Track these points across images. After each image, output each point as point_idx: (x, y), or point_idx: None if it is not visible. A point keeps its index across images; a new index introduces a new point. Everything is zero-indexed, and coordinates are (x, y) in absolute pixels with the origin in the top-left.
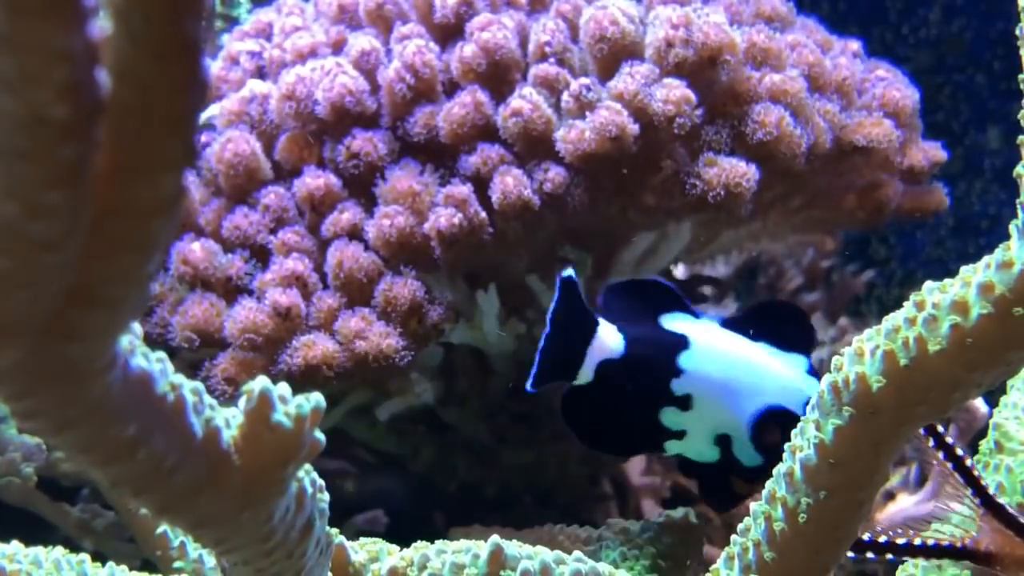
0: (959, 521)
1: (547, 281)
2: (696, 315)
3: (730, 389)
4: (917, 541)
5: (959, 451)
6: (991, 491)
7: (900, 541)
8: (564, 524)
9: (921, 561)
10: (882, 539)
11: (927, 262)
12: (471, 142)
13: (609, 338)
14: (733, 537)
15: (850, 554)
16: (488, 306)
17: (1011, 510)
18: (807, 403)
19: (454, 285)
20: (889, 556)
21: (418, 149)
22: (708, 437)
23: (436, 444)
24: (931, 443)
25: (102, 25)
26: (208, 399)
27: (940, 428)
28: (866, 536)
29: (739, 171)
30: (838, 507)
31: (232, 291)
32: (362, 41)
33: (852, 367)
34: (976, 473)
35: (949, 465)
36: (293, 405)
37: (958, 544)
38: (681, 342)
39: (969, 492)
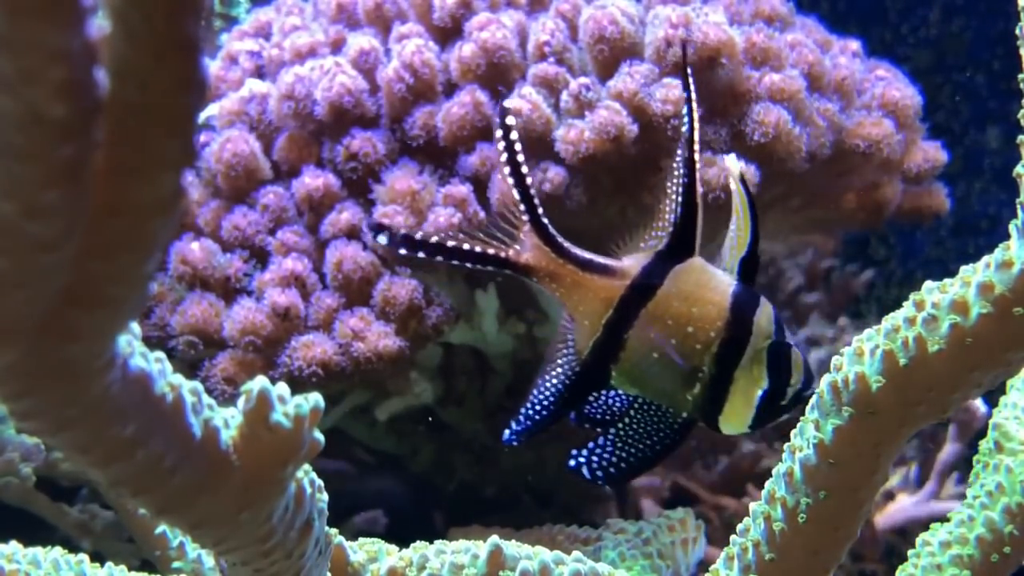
0: (956, 522)
1: None
2: None
3: None
4: (465, 246)
5: (519, 158)
6: (539, 208)
7: (450, 243)
8: (564, 524)
9: (921, 562)
10: (418, 235)
11: (927, 262)
12: (470, 142)
13: None
14: (733, 537)
15: (402, 251)
16: (487, 306)
17: (551, 229)
18: None
19: (453, 285)
20: (437, 257)
21: (417, 149)
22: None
23: (435, 444)
24: (500, 146)
25: (101, 24)
26: (207, 399)
27: (515, 143)
28: (418, 236)
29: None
30: (838, 507)
31: (231, 291)
32: (361, 40)
33: (852, 367)
34: (528, 183)
35: (510, 177)
36: (292, 405)
37: (501, 254)
38: None
39: (521, 207)
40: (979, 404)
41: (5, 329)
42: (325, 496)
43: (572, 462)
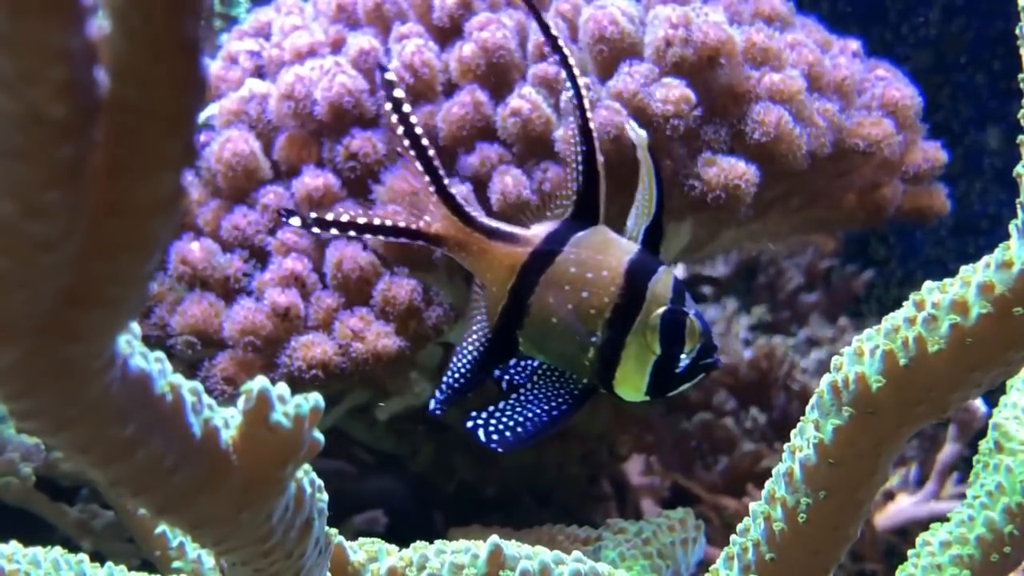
0: (956, 522)
1: None
2: None
3: None
4: (376, 221)
5: (417, 131)
6: (444, 179)
7: (361, 220)
8: (563, 524)
9: (921, 562)
10: (329, 216)
11: (927, 262)
12: (470, 142)
13: None
14: (733, 537)
15: (316, 230)
16: None
17: (460, 199)
18: None
19: (452, 284)
20: (350, 232)
21: None
22: None
23: (435, 444)
24: (392, 119)
25: (101, 24)
26: (207, 399)
27: (409, 116)
28: (329, 216)
29: (738, 171)
30: (838, 507)
31: (231, 291)
32: (361, 40)
33: (852, 367)
34: (431, 155)
35: (410, 150)
36: (292, 405)
37: (412, 226)
38: None
39: (426, 179)
40: (979, 404)
41: (5, 329)
42: (325, 496)
43: (469, 423)
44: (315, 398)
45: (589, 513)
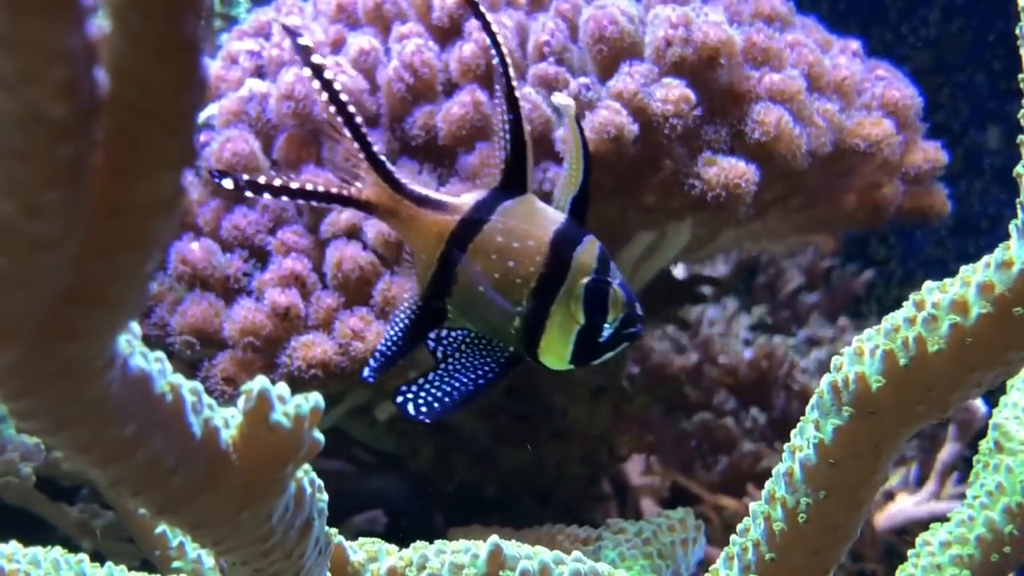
0: (956, 522)
1: None
2: None
3: None
4: (308, 187)
5: (343, 98)
6: (375, 146)
7: (294, 185)
8: (563, 524)
9: (921, 562)
10: (261, 179)
11: (927, 262)
12: (470, 142)
13: None
14: (733, 537)
15: (249, 193)
16: None
17: (390, 166)
18: None
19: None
20: (282, 197)
21: (417, 149)
22: None
23: (435, 444)
24: (315, 85)
25: (101, 24)
26: (207, 399)
27: (332, 82)
28: (261, 180)
29: (738, 171)
30: (838, 507)
31: (231, 291)
32: (361, 40)
33: (852, 367)
34: (359, 122)
35: (337, 117)
36: (292, 405)
37: (344, 192)
38: None
39: (355, 146)
40: (979, 404)
41: (5, 329)
42: (325, 496)
43: (399, 398)
44: (315, 398)
45: (589, 513)
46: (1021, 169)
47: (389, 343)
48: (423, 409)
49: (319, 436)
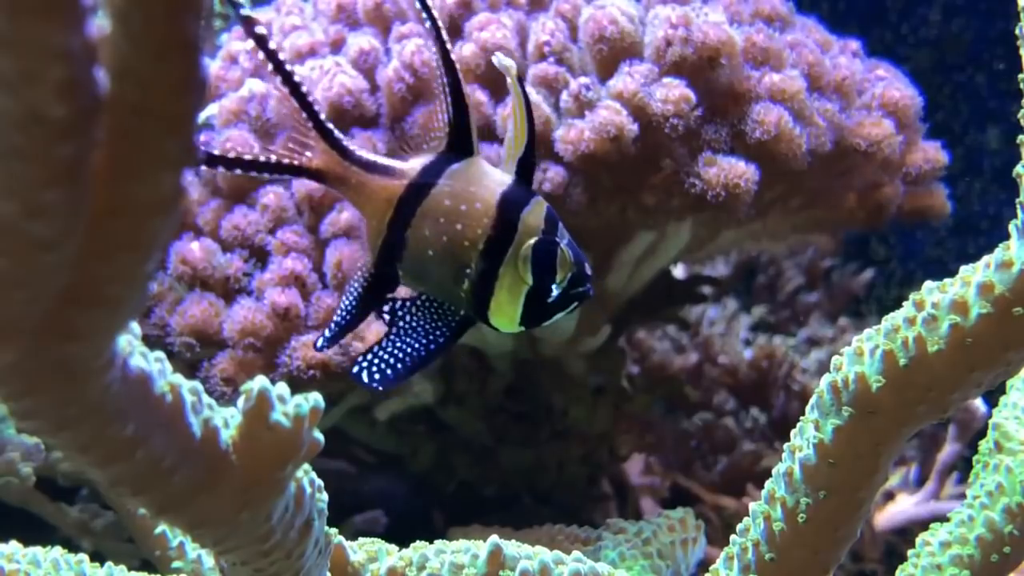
0: (956, 522)
1: None
2: None
3: None
4: (261, 158)
5: (288, 67)
6: (321, 114)
7: (246, 157)
8: (563, 524)
9: (921, 562)
10: (215, 151)
11: (927, 262)
12: None
13: None
14: (733, 537)
15: (203, 168)
16: None
17: (338, 134)
18: None
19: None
20: (235, 169)
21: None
22: None
23: (435, 444)
24: (260, 56)
25: (101, 24)
26: (207, 399)
27: (277, 52)
28: (215, 151)
29: (739, 170)
30: (838, 507)
31: (231, 291)
32: (361, 40)
33: (852, 367)
34: (304, 91)
35: (284, 87)
36: (292, 405)
37: (295, 162)
38: None
39: (302, 116)
40: (979, 404)
41: (5, 329)
42: (325, 496)
43: (355, 369)
44: (315, 398)
45: (589, 513)
46: (1021, 169)
47: (343, 312)
48: (377, 377)
49: (319, 436)
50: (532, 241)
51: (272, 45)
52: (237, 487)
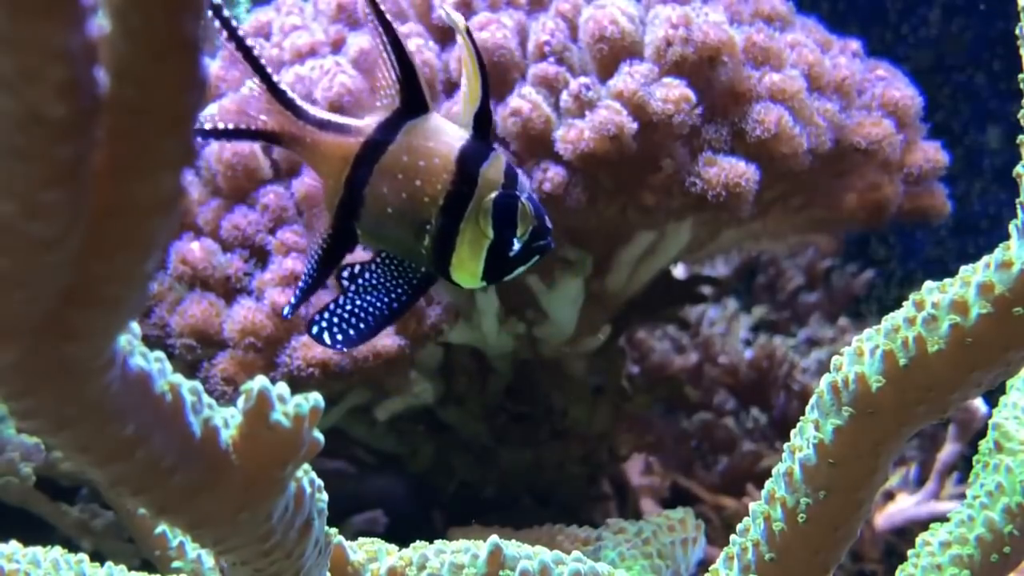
0: (956, 522)
1: (547, 281)
2: None
3: None
4: (220, 126)
5: (239, 33)
6: (274, 75)
7: (207, 127)
8: (563, 524)
9: (921, 562)
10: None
11: (927, 262)
12: None
13: None
14: (733, 537)
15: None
16: (487, 306)
17: (292, 94)
18: None
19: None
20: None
21: None
22: None
23: (435, 444)
24: (217, 23)
25: (101, 24)
26: (207, 399)
27: (230, 19)
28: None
29: (739, 170)
30: (838, 507)
31: (231, 291)
32: (361, 40)
33: (852, 367)
34: (256, 54)
35: (237, 52)
36: (292, 405)
37: (252, 126)
38: None
39: (257, 78)
40: (979, 404)
41: (5, 329)
42: (325, 496)
43: (314, 329)
44: (315, 398)
45: (589, 513)
46: (1021, 169)
47: (305, 277)
48: (339, 337)
49: (319, 436)
50: (493, 195)
51: (226, 12)
52: (237, 487)
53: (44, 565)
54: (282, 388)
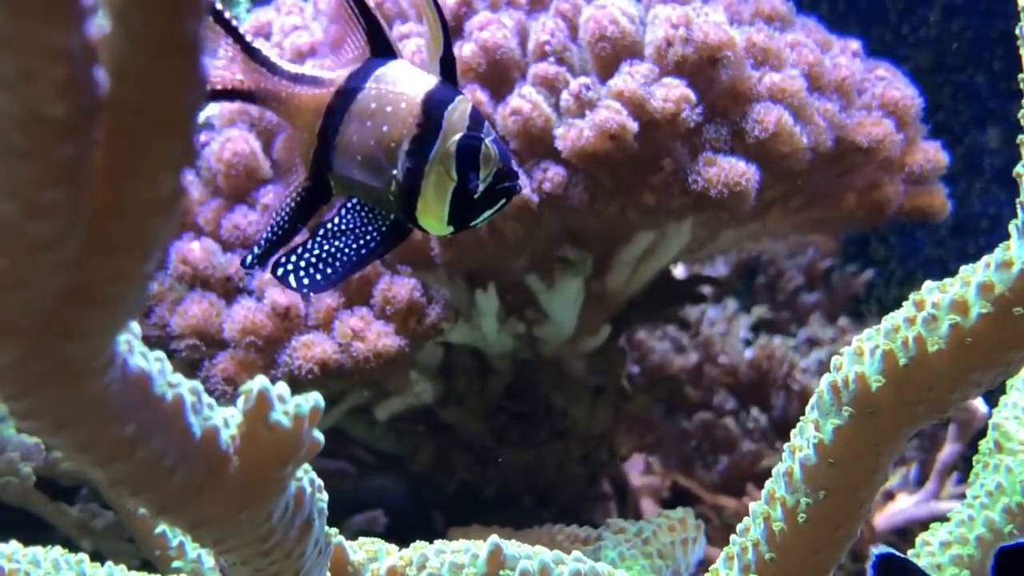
0: (956, 522)
1: (547, 281)
2: None
3: None
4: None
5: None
6: (245, 34)
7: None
8: (563, 524)
9: (921, 562)
10: None
11: (927, 262)
12: None
13: None
14: (733, 537)
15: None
16: (487, 306)
17: (266, 52)
18: None
19: (453, 284)
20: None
21: None
22: None
23: (435, 444)
24: None
25: (101, 24)
26: (207, 399)
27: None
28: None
29: (739, 170)
30: (838, 507)
31: (231, 290)
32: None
33: (852, 367)
34: (227, 15)
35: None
36: (292, 405)
37: (228, 87)
38: None
39: (228, 39)
40: (979, 404)
41: (5, 329)
42: (325, 496)
43: (279, 271)
44: (315, 397)
45: (589, 513)
46: (1021, 169)
47: (275, 227)
48: (305, 281)
49: (319, 436)
50: (456, 137)
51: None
52: (237, 487)
53: (44, 565)
54: (282, 388)
